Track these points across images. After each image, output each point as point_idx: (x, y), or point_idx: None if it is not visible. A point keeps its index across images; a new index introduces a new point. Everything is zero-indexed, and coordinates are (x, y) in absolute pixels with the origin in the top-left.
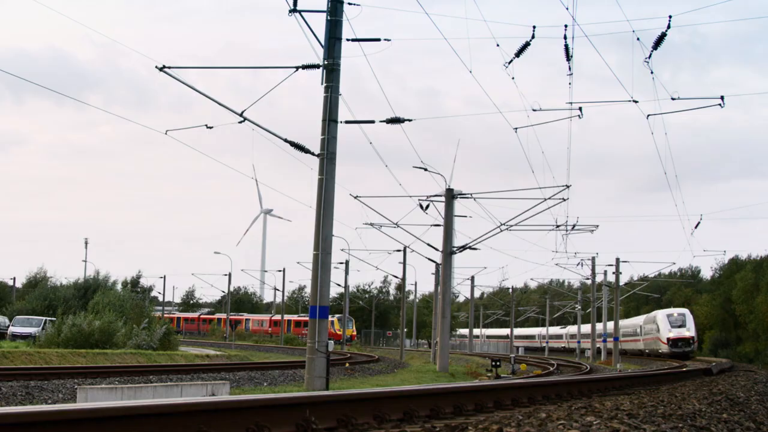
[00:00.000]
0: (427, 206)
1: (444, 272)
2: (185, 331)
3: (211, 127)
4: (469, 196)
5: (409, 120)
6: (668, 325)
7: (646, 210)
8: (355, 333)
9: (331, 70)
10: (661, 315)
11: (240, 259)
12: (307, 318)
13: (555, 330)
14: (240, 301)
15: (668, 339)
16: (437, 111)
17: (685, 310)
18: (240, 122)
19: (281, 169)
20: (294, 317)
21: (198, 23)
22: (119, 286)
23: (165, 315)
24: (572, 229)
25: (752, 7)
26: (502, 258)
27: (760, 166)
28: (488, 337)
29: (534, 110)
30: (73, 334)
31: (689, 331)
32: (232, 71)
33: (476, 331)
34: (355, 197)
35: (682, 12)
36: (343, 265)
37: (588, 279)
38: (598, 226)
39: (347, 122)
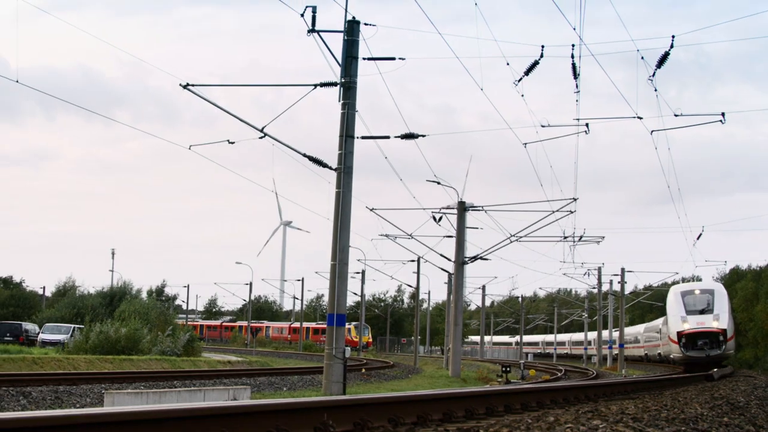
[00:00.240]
0: (440, 218)
1: (456, 282)
2: (208, 338)
3: (232, 143)
4: (481, 208)
5: (423, 135)
6: (682, 308)
7: (651, 222)
8: (370, 340)
9: (348, 88)
10: (672, 294)
11: (260, 269)
12: (325, 325)
13: (561, 337)
14: (260, 309)
15: (679, 334)
16: (453, 127)
17: (715, 286)
18: (260, 137)
19: (300, 182)
20: (312, 325)
21: (222, 43)
22: (144, 295)
23: (188, 322)
24: (579, 240)
25: (754, 27)
26: (512, 268)
27: (762, 179)
28: (494, 344)
29: (543, 126)
30: (101, 341)
31: (718, 320)
32: (256, 88)
33: (487, 338)
34: (371, 210)
35: (687, 32)
36: (360, 274)
37: (594, 288)
38: (604, 237)
39: (364, 138)
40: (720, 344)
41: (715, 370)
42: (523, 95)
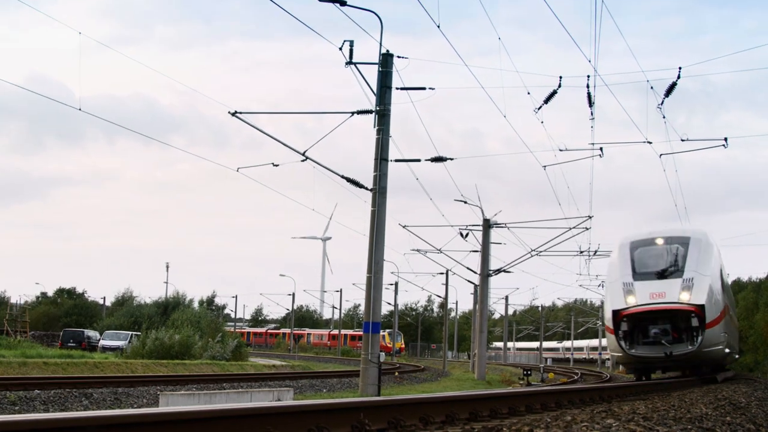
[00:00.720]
0: (467, 234)
1: (481, 292)
2: (254, 344)
3: (277, 165)
4: (504, 225)
5: (451, 159)
6: (627, 269)
7: None
8: (403, 346)
9: (383, 115)
10: (617, 248)
11: (302, 281)
12: (361, 332)
13: (577, 343)
14: (302, 317)
15: (618, 316)
16: (479, 151)
17: (692, 232)
18: (303, 161)
19: (339, 201)
20: (350, 332)
21: (268, 74)
22: (196, 305)
23: (236, 330)
24: (594, 254)
25: (756, 59)
26: (533, 280)
27: (762, 199)
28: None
29: (561, 150)
30: (156, 347)
31: (690, 290)
32: (299, 115)
33: (509, 344)
34: (404, 226)
35: (694, 63)
36: (393, 286)
37: None
38: None
39: (397, 161)
40: (692, 333)
41: (719, 374)
42: (542, 122)
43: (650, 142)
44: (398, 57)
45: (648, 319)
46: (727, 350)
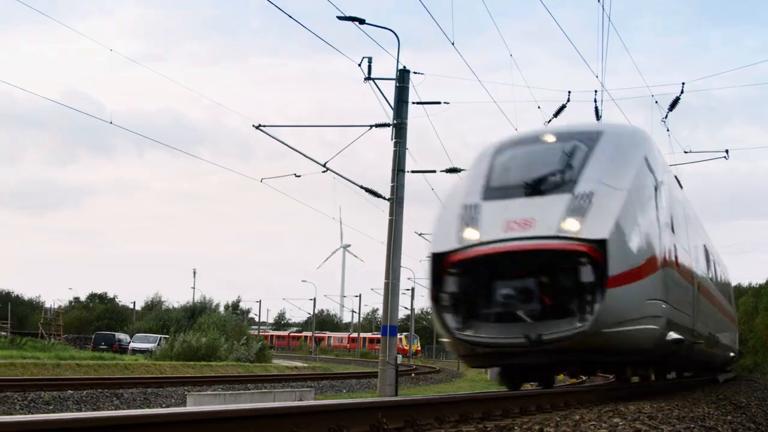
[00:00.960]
0: None
1: None
2: (277, 346)
3: (299, 176)
4: None
5: (465, 170)
6: (480, 182)
7: None
8: (419, 348)
9: (400, 128)
10: (477, 156)
11: (323, 286)
12: (379, 335)
13: None
14: (323, 321)
15: (439, 263)
16: None
17: (610, 127)
18: (323, 171)
19: (358, 211)
20: (368, 335)
21: (290, 88)
22: (222, 309)
23: (260, 333)
24: None
25: (759, 74)
26: None
27: (762, 208)
28: None
29: None
30: (184, 349)
31: (582, 214)
32: (319, 128)
33: None
34: (420, 234)
35: (698, 78)
36: (410, 291)
37: None
38: None
39: (413, 172)
40: (581, 298)
41: (720, 375)
42: None
43: None
44: (414, 73)
45: (499, 272)
46: (673, 335)
